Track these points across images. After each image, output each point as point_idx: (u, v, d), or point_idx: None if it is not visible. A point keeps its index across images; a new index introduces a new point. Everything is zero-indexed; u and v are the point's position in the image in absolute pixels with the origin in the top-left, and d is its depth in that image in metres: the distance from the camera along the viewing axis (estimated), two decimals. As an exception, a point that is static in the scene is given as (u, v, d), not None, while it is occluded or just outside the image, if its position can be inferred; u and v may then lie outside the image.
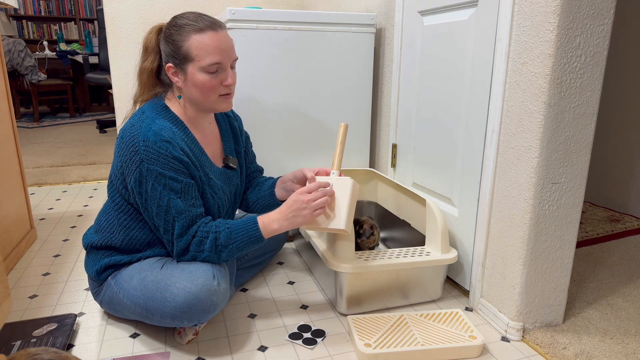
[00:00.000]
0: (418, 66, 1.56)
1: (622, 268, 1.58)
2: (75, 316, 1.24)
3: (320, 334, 1.21)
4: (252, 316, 1.29)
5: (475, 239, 1.32)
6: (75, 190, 2.48)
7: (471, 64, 1.29)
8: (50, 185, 2.58)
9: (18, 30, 5.56)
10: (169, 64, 1.12)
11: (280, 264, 1.62)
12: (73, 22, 5.75)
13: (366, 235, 1.50)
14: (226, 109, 1.18)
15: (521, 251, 1.16)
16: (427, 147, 1.55)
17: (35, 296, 1.39)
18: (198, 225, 1.11)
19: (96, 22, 5.80)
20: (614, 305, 1.34)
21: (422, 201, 1.45)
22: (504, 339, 1.20)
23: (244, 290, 1.44)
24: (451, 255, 1.33)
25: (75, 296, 1.39)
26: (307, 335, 1.20)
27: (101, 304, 1.23)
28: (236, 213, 1.59)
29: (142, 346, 1.16)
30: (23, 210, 1.73)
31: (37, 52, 5.07)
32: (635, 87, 2.09)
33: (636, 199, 2.11)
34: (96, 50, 5.20)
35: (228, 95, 1.16)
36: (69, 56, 4.92)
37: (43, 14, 5.60)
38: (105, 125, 4.25)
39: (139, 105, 1.21)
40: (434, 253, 1.33)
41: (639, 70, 2.07)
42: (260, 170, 1.47)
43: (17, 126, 3.99)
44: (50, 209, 2.18)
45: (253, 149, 1.59)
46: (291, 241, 1.82)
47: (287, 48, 1.65)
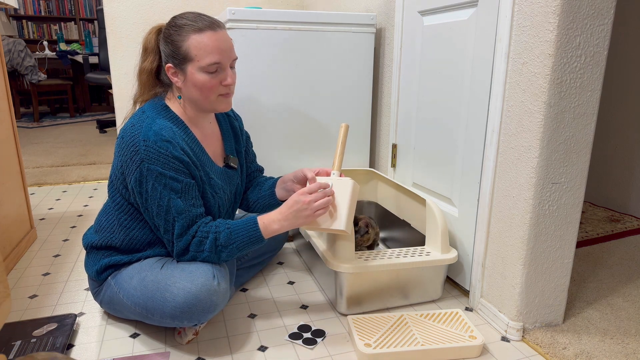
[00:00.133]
0: (418, 66, 1.56)
1: (622, 268, 1.58)
2: (75, 316, 1.24)
3: (320, 334, 1.21)
4: (252, 316, 1.29)
5: (475, 239, 1.32)
6: (75, 190, 2.48)
7: (471, 64, 1.29)
8: (50, 185, 2.58)
9: (18, 30, 5.56)
10: (169, 64, 1.12)
11: (280, 264, 1.62)
12: (73, 22, 5.75)
13: (361, 233, 1.50)
14: (226, 109, 1.18)
15: (521, 251, 1.16)
16: (427, 147, 1.55)
17: (35, 296, 1.39)
18: (198, 226, 1.11)
19: (96, 22, 5.80)
20: (614, 305, 1.34)
21: (422, 201, 1.45)
22: (504, 339, 1.20)
23: (244, 290, 1.44)
24: (451, 255, 1.33)
25: (75, 296, 1.39)
26: (307, 335, 1.20)
27: (101, 304, 1.23)
28: (236, 213, 1.59)
29: (142, 346, 1.16)
30: (23, 210, 1.73)
31: (37, 52, 5.07)
32: (635, 87, 2.09)
33: (636, 199, 2.11)
34: (96, 50, 5.20)
35: (227, 95, 1.16)
36: (69, 56, 4.92)
37: (43, 14, 5.60)
38: (105, 125, 4.25)
39: (139, 105, 1.21)
40: (434, 253, 1.33)
41: (639, 70, 2.07)
42: (261, 169, 1.47)
43: (17, 126, 3.99)
44: (50, 209, 2.18)
45: (253, 148, 1.59)
46: (291, 241, 1.82)
47: (287, 48, 1.65)
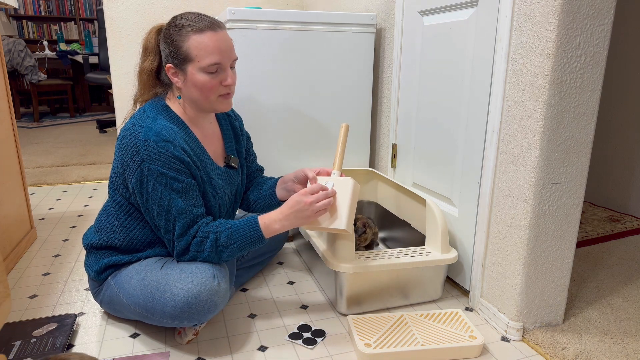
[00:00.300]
0: (418, 66, 1.56)
1: (622, 268, 1.58)
2: (75, 316, 1.24)
3: (320, 334, 1.21)
4: (252, 316, 1.29)
5: (475, 239, 1.32)
6: (75, 190, 2.48)
7: (471, 64, 1.29)
8: (50, 185, 2.58)
9: (18, 30, 5.56)
10: (169, 64, 1.12)
11: (280, 264, 1.62)
12: (73, 22, 5.75)
13: (358, 233, 1.50)
14: (226, 109, 1.18)
15: (521, 251, 1.16)
16: (427, 147, 1.55)
17: (35, 296, 1.39)
18: (199, 226, 1.11)
19: (96, 22, 5.80)
20: (614, 305, 1.34)
21: (422, 201, 1.45)
22: (504, 339, 1.20)
23: (244, 290, 1.44)
24: (451, 255, 1.33)
25: (75, 296, 1.39)
26: (307, 335, 1.20)
27: (101, 304, 1.23)
28: (236, 213, 1.59)
29: (142, 346, 1.16)
30: (23, 210, 1.73)
31: (37, 52, 5.07)
32: (635, 87, 2.09)
33: (636, 199, 2.11)
34: (96, 50, 5.20)
35: (228, 96, 1.16)
36: (69, 56, 4.92)
37: (43, 14, 5.60)
38: (105, 125, 4.25)
39: (139, 105, 1.21)
40: (434, 253, 1.33)
41: (639, 70, 2.07)
42: (261, 169, 1.48)
43: (17, 126, 3.99)
44: (50, 209, 2.18)
45: (253, 148, 1.59)
46: (291, 241, 1.82)
47: (287, 48, 1.65)
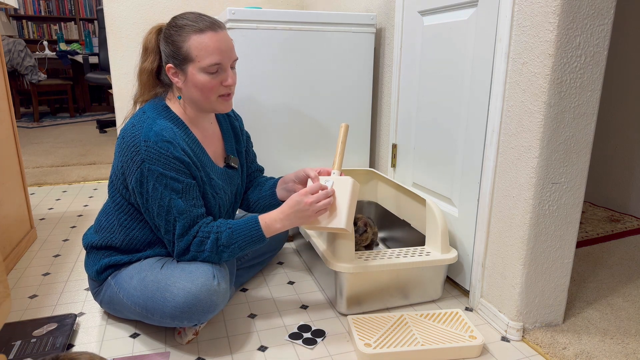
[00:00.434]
0: (418, 66, 1.56)
1: (622, 268, 1.58)
2: (75, 316, 1.24)
3: (320, 334, 1.21)
4: (252, 316, 1.29)
5: (475, 239, 1.32)
6: (75, 190, 2.48)
7: (471, 64, 1.29)
8: (50, 185, 2.58)
9: (18, 30, 5.56)
10: (169, 64, 1.12)
11: (280, 264, 1.62)
12: (73, 22, 5.75)
13: (359, 232, 1.50)
14: (226, 109, 1.18)
15: (521, 251, 1.16)
16: (427, 147, 1.55)
17: (35, 296, 1.39)
18: (199, 226, 1.11)
19: (96, 22, 5.80)
20: (614, 305, 1.34)
21: (422, 201, 1.45)
22: (504, 339, 1.20)
23: (244, 290, 1.44)
24: (451, 255, 1.33)
25: (75, 296, 1.39)
26: (307, 335, 1.20)
27: (101, 304, 1.23)
28: (236, 213, 1.59)
29: (142, 346, 1.16)
30: (23, 210, 1.73)
31: (37, 52, 5.07)
32: (635, 87, 2.09)
33: (636, 199, 2.11)
34: (96, 50, 5.20)
35: (228, 96, 1.16)
36: (69, 56, 4.92)
37: (43, 14, 5.60)
38: (105, 125, 4.25)
39: (139, 106, 1.21)
40: (434, 253, 1.33)
41: (639, 70, 2.07)
42: (261, 169, 1.48)
43: (17, 126, 3.99)
44: (50, 209, 2.18)
45: (253, 148, 1.59)
46: (291, 241, 1.82)
47: (287, 48, 1.65)
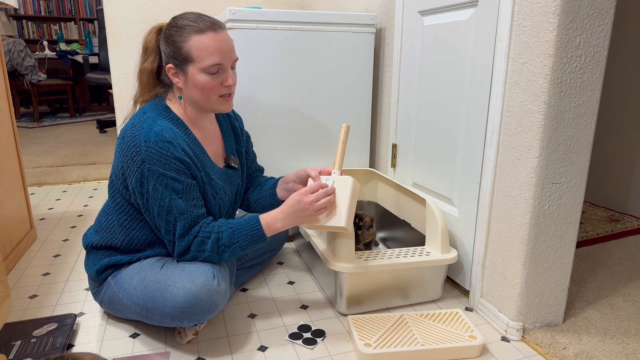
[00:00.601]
0: (418, 66, 1.56)
1: (622, 268, 1.58)
2: (75, 316, 1.24)
3: (320, 334, 1.21)
4: (252, 316, 1.29)
5: (475, 239, 1.32)
6: (75, 190, 2.48)
7: (471, 64, 1.29)
8: (50, 185, 2.58)
9: (18, 30, 5.56)
10: (170, 64, 1.12)
11: (280, 264, 1.62)
12: (73, 22, 5.75)
13: (366, 227, 1.50)
14: (227, 109, 1.18)
15: (521, 251, 1.16)
16: (427, 147, 1.55)
17: (35, 296, 1.39)
18: (200, 226, 1.11)
19: (96, 22, 5.80)
20: (614, 305, 1.34)
21: (422, 201, 1.45)
22: (504, 339, 1.20)
23: (244, 290, 1.44)
24: (451, 255, 1.33)
25: (75, 296, 1.39)
26: (307, 335, 1.20)
27: (101, 304, 1.23)
28: (236, 213, 1.59)
29: (142, 346, 1.16)
30: (23, 210, 1.73)
31: (37, 52, 5.07)
32: (635, 87, 2.09)
33: (636, 199, 2.12)
34: (96, 50, 5.20)
35: (229, 96, 1.16)
36: (69, 56, 4.92)
37: (43, 14, 5.60)
38: (105, 125, 4.25)
39: (139, 106, 1.21)
40: (434, 253, 1.33)
41: (639, 70, 2.07)
42: (261, 169, 1.48)
43: (17, 126, 3.99)
44: (50, 209, 2.18)
45: (253, 148, 1.59)
46: (291, 241, 1.82)
47: (287, 48, 1.65)
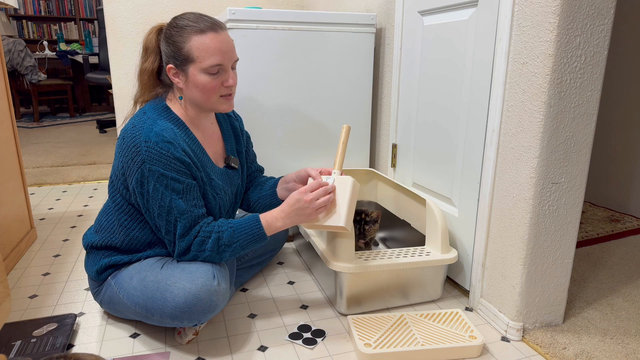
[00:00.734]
0: (418, 66, 1.56)
1: (622, 268, 1.59)
2: (75, 316, 1.24)
3: (320, 334, 1.21)
4: (252, 316, 1.29)
5: (475, 239, 1.32)
6: (75, 190, 2.48)
7: (471, 64, 1.29)
8: (50, 185, 2.58)
9: (18, 30, 5.56)
10: (170, 65, 1.12)
11: (280, 264, 1.63)
12: (73, 22, 5.75)
13: (372, 222, 1.50)
14: (227, 109, 1.18)
15: (521, 251, 1.16)
16: (427, 147, 1.55)
17: (35, 296, 1.39)
18: (200, 226, 1.11)
19: (96, 22, 5.80)
20: (614, 305, 1.34)
21: (422, 201, 1.45)
22: (504, 339, 1.20)
23: (244, 290, 1.44)
24: (451, 255, 1.33)
25: (75, 296, 1.39)
26: (307, 335, 1.20)
27: (101, 304, 1.23)
28: (236, 213, 1.59)
29: (142, 346, 1.16)
30: (23, 210, 1.73)
31: (37, 52, 5.07)
32: (635, 87, 2.09)
33: (636, 199, 2.12)
34: (96, 50, 5.20)
35: (229, 97, 1.16)
36: (69, 56, 4.92)
37: (43, 14, 5.60)
38: (105, 125, 4.25)
39: (139, 106, 1.21)
40: (434, 253, 1.33)
41: (639, 70, 2.07)
42: (261, 169, 1.48)
43: (17, 126, 3.99)
44: (50, 209, 2.18)
45: (253, 148, 1.59)
46: (291, 241, 1.82)
47: (287, 48, 1.65)
